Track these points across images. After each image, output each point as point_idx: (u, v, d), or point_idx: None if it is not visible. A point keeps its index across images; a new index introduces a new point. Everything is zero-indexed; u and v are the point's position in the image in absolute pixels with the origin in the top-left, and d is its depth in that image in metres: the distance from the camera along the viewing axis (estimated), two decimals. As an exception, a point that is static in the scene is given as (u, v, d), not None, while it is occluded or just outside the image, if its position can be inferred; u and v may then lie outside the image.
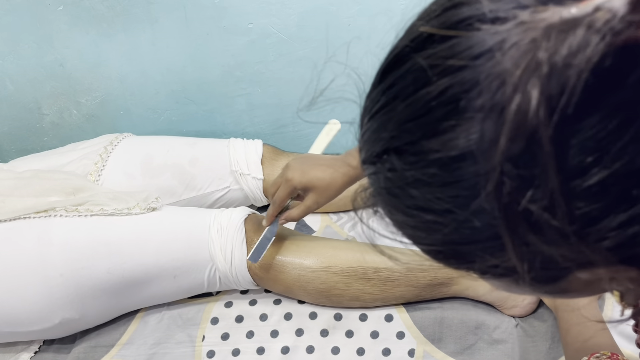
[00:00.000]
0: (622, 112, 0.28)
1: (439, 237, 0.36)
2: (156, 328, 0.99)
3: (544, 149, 0.28)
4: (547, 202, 0.30)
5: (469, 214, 0.32)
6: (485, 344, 0.92)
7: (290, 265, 0.95)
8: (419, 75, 0.32)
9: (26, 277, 0.91)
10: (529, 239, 0.31)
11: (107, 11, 1.14)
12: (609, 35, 0.26)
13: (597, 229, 0.31)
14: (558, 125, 0.28)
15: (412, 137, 0.33)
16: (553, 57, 0.27)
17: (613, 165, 0.29)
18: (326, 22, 1.17)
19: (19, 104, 1.26)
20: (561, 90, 0.27)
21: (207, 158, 1.13)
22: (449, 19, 0.32)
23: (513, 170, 0.29)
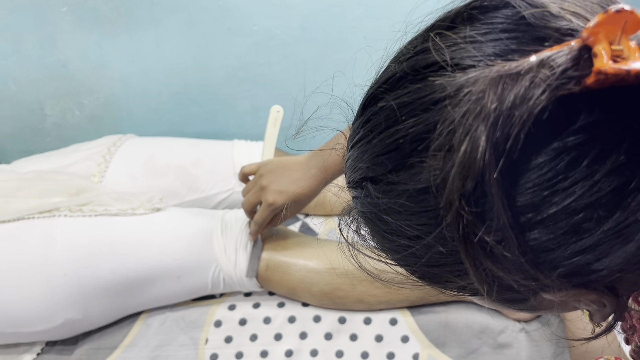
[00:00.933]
0: (568, 155, 0.31)
1: (412, 260, 0.39)
2: (159, 330, 0.98)
3: (491, 189, 0.30)
4: (499, 235, 0.32)
5: (434, 241, 0.36)
6: (490, 348, 0.92)
7: (294, 267, 0.95)
8: (390, 114, 0.36)
9: (29, 277, 0.90)
10: (487, 266, 0.34)
11: (111, 12, 1.14)
12: (550, 88, 0.29)
13: (550, 258, 0.34)
14: (504, 167, 0.30)
15: (384, 170, 0.37)
16: (499, 107, 0.29)
17: (563, 202, 0.32)
18: (330, 24, 1.17)
19: (21, 104, 1.26)
20: (506, 137, 0.30)
21: (210, 160, 1.12)
22: (417, 63, 0.35)
23: (467, 206, 0.31)
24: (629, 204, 0.31)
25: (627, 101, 0.30)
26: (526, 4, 0.33)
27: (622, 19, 0.29)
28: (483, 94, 0.30)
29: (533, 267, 0.33)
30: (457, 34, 0.34)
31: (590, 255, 0.33)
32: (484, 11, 0.35)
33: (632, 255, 0.33)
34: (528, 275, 0.34)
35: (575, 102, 0.30)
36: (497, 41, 0.33)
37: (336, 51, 1.20)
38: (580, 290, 0.35)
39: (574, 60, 0.29)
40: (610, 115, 0.31)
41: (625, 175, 0.31)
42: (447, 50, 0.33)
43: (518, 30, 0.33)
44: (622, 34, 0.29)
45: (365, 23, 1.16)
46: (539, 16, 0.32)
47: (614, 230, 0.32)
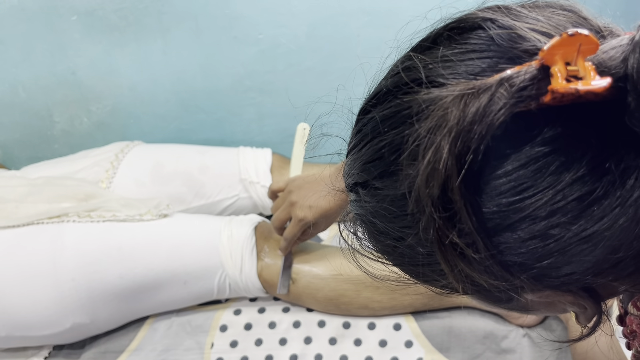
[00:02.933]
0: (533, 165, 0.33)
1: (400, 260, 0.42)
2: (165, 335, 1.00)
3: (455, 197, 0.33)
4: (468, 239, 0.34)
5: (415, 243, 0.38)
6: (493, 353, 0.93)
7: (299, 273, 0.96)
8: (375, 125, 0.39)
9: (38, 281, 0.92)
10: (460, 267, 0.36)
11: (120, 21, 1.16)
12: (507, 105, 0.31)
13: (519, 261, 0.35)
14: (468, 177, 0.33)
15: (371, 176, 0.40)
16: (460, 122, 0.31)
17: (528, 209, 0.34)
18: (335, 33, 1.18)
19: (30, 111, 1.27)
20: (467, 149, 0.32)
21: (216, 166, 1.14)
22: (400, 80, 0.38)
23: (437, 212, 0.34)
24: (593, 212, 0.33)
25: (587, 117, 0.32)
26: (495, 26, 0.36)
27: (577, 42, 0.31)
28: (447, 110, 0.32)
29: (502, 269, 0.35)
30: (434, 53, 0.37)
31: (558, 259, 0.35)
32: (459, 32, 0.37)
33: (602, 261, 0.34)
34: (497, 277, 0.36)
35: (540, 117, 0.32)
36: (468, 61, 0.35)
37: (341, 59, 1.21)
38: (554, 291, 0.37)
39: (532, 80, 0.31)
40: (572, 130, 0.32)
41: (588, 186, 0.32)
42: (424, 69, 0.36)
43: (488, 51, 0.35)
44: (578, 56, 0.31)
45: (370, 32, 1.17)
46: (507, 37, 0.35)
47: (579, 237, 0.33)
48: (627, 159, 0.32)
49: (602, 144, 0.32)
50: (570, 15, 0.37)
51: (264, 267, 0.96)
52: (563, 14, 0.37)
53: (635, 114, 0.30)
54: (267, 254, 0.97)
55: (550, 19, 0.36)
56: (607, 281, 0.36)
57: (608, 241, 0.33)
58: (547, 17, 0.36)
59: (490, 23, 0.36)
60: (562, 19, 0.36)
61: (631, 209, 0.32)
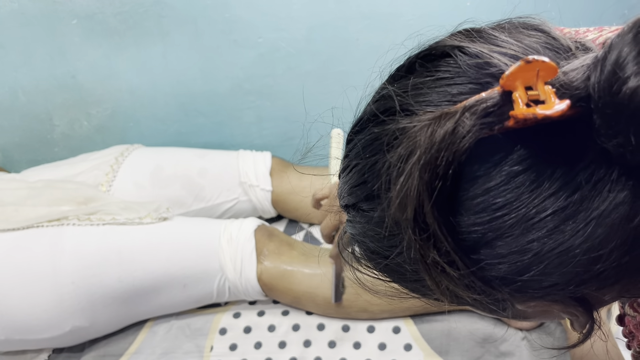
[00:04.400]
0: (505, 185, 0.34)
1: (392, 276, 0.44)
2: (164, 338, 1.00)
3: (428, 220, 0.34)
4: (448, 258, 0.35)
5: (402, 261, 0.40)
6: (492, 356, 0.93)
7: (299, 276, 0.96)
8: (358, 152, 0.41)
9: (38, 285, 0.92)
10: (445, 284, 0.37)
11: (120, 25, 1.16)
12: (471, 132, 0.32)
13: (500, 276, 0.36)
14: (440, 200, 0.34)
15: (358, 199, 0.42)
16: (428, 150, 0.33)
17: (503, 226, 0.35)
18: (334, 37, 1.19)
19: (30, 114, 1.28)
20: (435, 175, 0.33)
21: (216, 169, 1.14)
22: (377, 107, 0.40)
23: (414, 235, 0.35)
24: (568, 226, 0.34)
25: (556, 136, 0.33)
26: (463, 53, 0.37)
27: (535, 68, 0.32)
28: (415, 139, 0.34)
29: (483, 285, 0.37)
30: (406, 82, 0.39)
31: (538, 272, 0.35)
32: (430, 60, 0.39)
33: (582, 272, 0.35)
34: (480, 292, 0.37)
35: (511, 138, 0.34)
36: (438, 89, 0.37)
37: (340, 63, 1.22)
38: (541, 302, 0.38)
39: (494, 106, 0.32)
40: (542, 149, 0.34)
41: (561, 201, 0.33)
42: (397, 98, 0.38)
43: (457, 78, 0.37)
44: (538, 80, 0.32)
45: (369, 36, 1.18)
46: (474, 64, 0.36)
47: (557, 250, 0.34)
48: (598, 173, 0.33)
49: (573, 160, 0.33)
50: (540, 35, 0.38)
51: (263, 270, 0.97)
52: (534, 34, 0.38)
53: (601, 131, 0.31)
54: (266, 257, 0.98)
55: (520, 41, 0.37)
56: (591, 291, 0.37)
57: (587, 253, 0.34)
58: (518, 38, 0.37)
59: (457, 51, 0.37)
60: (532, 40, 0.37)
61: (607, 220, 0.33)
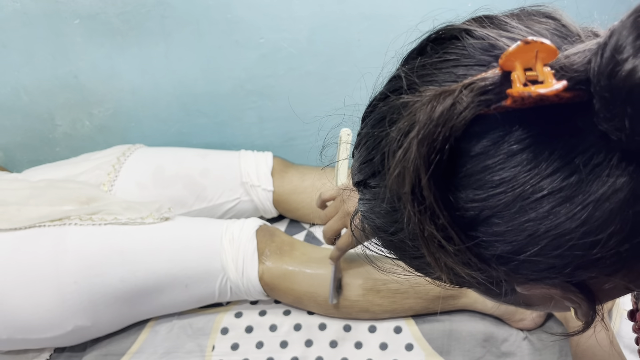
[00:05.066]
0: (503, 163, 0.35)
1: (397, 252, 0.45)
2: (166, 337, 1.00)
3: (424, 193, 0.35)
4: (445, 232, 0.36)
5: (404, 237, 0.41)
6: (494, 356, 0.93)
7: (301, 276, 0.96)
8: (368, 130, 0.42)
9: (40, 284, 0.92)
10: (443, 259, 0.38)
11: (122, 25, 1.16)
12: (469, 108, 0.33)
13: (497, 254, 0.37)
14: (437, 173, 0.35)
15: (366, 175, 0.43)
16: (427, 124, 0.34)
17: (501, 203, 0.35)
18: (336, 38, 1.19)
19: (32, 114, 1.28)
20: (433, 149, 0.34)
21: (218, 169, 1.14)
22: (388, 88, 0.42)
23: (413, 207, 0.36)
24: (564, 209, 0.34)
25: (556, 118, 0.34)
26: (470, 36, 0.38)
27: (533, 49, 0.32)
28: (415, 114, 0.35)
29: (479, 261, 0.38)
30: (415, 64, 0.40)
31: (534, 253, 0.36)
32: (439, 43, 0.40)
33: (580, 257, 0.35)
34: (475, 268, 0.38)
35: (511, 117, 0.34)
36: (444, 69, 0.38)
37: (341, 64, 1.22)
38: (539, 285, 0.39)
39: (493, 85, 0.33)
40: (541, 130, 0.34)
41: (557, 182, 0.34)
42: (405, 79, 0.40)
43: (462, 58, 0.38)
44: (537, 61, 0.33)
45: (371, 37, 1.18)
46: (479, 46, 0.37)
47: (554, 233, 0.35)
48: (597, 157, 0.33)
49: (572, 142, 0.33)
50: (550, 22, 0.38)
51: (265, 270, 0.97)
52: (545, 21, 0.38)
53: (600, 114, 0.31)
54: (268, 257, 0.98)
55: (530, 27, 0.38)
56: (590, 278, 0.37)
57: (584, 237, 0.34)
58: (528, 25, 0.38)
59: (465, 33, 0.38)
60: (541, 27, 0.38)
61: (605, 204, 0.33)
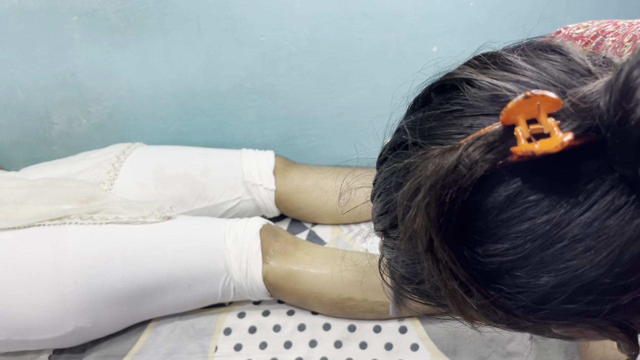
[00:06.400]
0: (520, 214, 0.34)
1: (426, 300, 0.45)
2: (168, 338, 0.99)
3: (438, 254, 0.35)
4: (465, 288, 0.36)
5: (429, 288, 0.40)
6: (499, 356, 0.93)
7: (305, 276, 0.96)
8: (381, 182, 0.42)
9: (39, 284, 0.90)
10: (469, 312, 0.37)
11: (121, 22, 1.15)
12: (475, 167, 0.32)
13: (523, 304, 0.36)
14: (448, 234, 0.34)
15: (384, 226, 0.43)
16: (433, 186, 0.33)
17: (522, 253, 0.34)
18: (337, 36, 1.18)
19: (29, 112, 1.26)
20: (441, 212, 0.34)
21: (219, 168, 1.13)
22: (398, 138, 0.42)
23: (433, 266, 0.36)
24: (585, 258, 0.33)
25: (573, 163, 0.33)
26: (471, 87, 0.37)
27: (534, 102, 0.31)
28: (419, 176, 0.35)
29: (505, 314, 0.36)
30: (418, 116, 0.40)
31: (560, 301, 0.34)
32: (441, 93, 0.39)
33: (609, 302, 0.33)
34: (503, 321, 0.37)
35: (520, 168, 0.33)
36: (447, 122, 0.37)
37: (342, 63, 1.21)
38: (574, 327, 0.37)
39: (497, 142, 0.33)
40: (555, 179, 0.33)
41: (576, 231, 0.32)
42: (409, 132, 0.39)
43: (467, 109, 0.37)
44: (540, 113, 0.32)
45: (372, 35, 1.18)
46: (482, 98, 0.36)
47: (579, 280, 0.33)
48: (618, 200, 0.32)
49: (589, 187, 0.32)
50: (558, 58, 0.37)
51: (269, 270, 0.96)
52: (552, 57, 0.37)
53: (615, 159, 0.30)
54: (272, 257, 0.97)
55: (536, 65, 0.37)
56: (626, 318, 0.36)
57: (613, 283, 0.33)
58: (534, 63, 0.37)
59: (465, 84, 0.37)
60: (548, 64, 0.37)
61: (633, 246, 0.32)
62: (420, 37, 1.17)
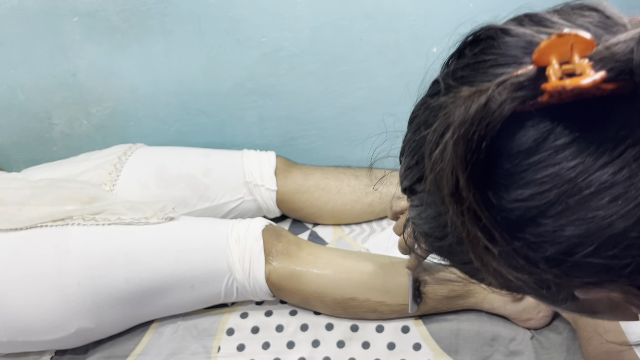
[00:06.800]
0: (551, 157, 0.34)
1: (448, 259, 0.45)
2: (171, 339, 0.99)
3: (463, 193, 0.35)
4: (488, 234, 0.36)
5: (452, 242, 0.40)
6: (502, 355, 0.93)
7: (308, 276, 0.96)
8: (411, 135, 0.43)
9: (42, 285, 0.90)
10: (489, 262, 0.37)
11: (122, 23, 1.15)
12: (504, 106, 0.33)
13: (545, 256, 0.36)
14: (475, 174, 0.34)
15: (411, 181, 0.43)
16: (461, 125, 0.34)
17: (550, 200, 0.34)
18: (338, 37, 1.18)
19: (29, 113, 1.26)
20: (469, 149, 0.34)
21: (221, 169, 1.13)
22: (431, 91, 0.42)
23: (456, 209, 0.36)
24: (612, 208, 0.33)
25: (602, 110, 0.33)
26: (507, 35, 0.37)
27: (568, 42, 0.32)
28: (449, 114, 0.35)
29: (527, 263, 0.36)
30: (453, 66, 0.41)
31: (585, 253, 0.34)
32: (476, 44, 0.40)
33: (637, 257, 0.33)
34: (525, 271, 0.37)
35: (554, 112, 0.34)
36: (480, 70, 0.38)
37: (343, 63, 1.22)
38: (597, 289, 0.37)
39: (528, 81, 0.33)
40: (585, 125, 0.33)
41: (605, 179, 0.33)
42: (443, 82, 0.40)
43: (500, 58, 0.37)
44: (572, 54, 0.32)
45: (373, 36, 1.18)
46: (516, 45, 0.36)
47: (606, 231, 0.33)
48: None
49: (620, 135, 0.32)
50: (594, 14, 0.37)
51: (272, 270, 0.96)
52: (587, 14, 0.37)
53: None
54: (274, 257, 0.97)
55: (572, 21, 0.37)
56: None
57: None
58: (569, 19, 0.37)
59: (501, 32, 0.38)
60: (584, 20, 0.37)
61: None
62: (420, 38, 1.18)
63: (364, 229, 1.19)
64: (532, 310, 0.94)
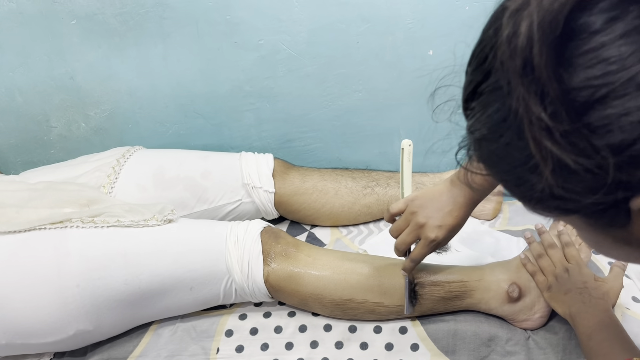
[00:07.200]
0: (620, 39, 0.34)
1: (500, 163, 0.43)
2: (170, 340, 0.99)
3: (534, 61, 0.35)
4: (552, 108, 0.35)
5: (510, 139, 0.40)
6: (498, 355, 0.94)
7: (307, 278, 0.96)
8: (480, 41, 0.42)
9: (41, 288, 0.90)
10: (547, 146, 0.36)
11: (120, 25, 1.16)
12: None
13: (610, 143, 0.35)
14: (549, 48, 0.34)
15: (476, 83, 0.42)
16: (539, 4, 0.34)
17: (618, 82, 0.34)
18: (335, 40, 1.19)
19: (27, 116, 1.26)
20: (547, 22, 0.34)
21: (219, 171, 1.14)
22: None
23: (524, 81, 0.35)
24: None
25: None
26: None
27: None
28: None
29: (589, 146, 0.35)
30: None
31: None
32: None
33: None
34: (584, 154, 0.36)
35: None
36: None
37: (340, 66, 1.22)
38: None
39: None
40: None
41: None
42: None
43: None
44: None
45: (369, 39, 1.19)
46: None
47: None
48: None
49: None
50: None
51: (270, 272, 0.96)
52: None
53: None
54: (273, 259, 0.97)
55: None
56: None
57: None
58: None
59: None
60: None
61: None
62: (416, 41, 1.19)
63: (361, 231, 1.20)
64: (529, 311, 0.95)
